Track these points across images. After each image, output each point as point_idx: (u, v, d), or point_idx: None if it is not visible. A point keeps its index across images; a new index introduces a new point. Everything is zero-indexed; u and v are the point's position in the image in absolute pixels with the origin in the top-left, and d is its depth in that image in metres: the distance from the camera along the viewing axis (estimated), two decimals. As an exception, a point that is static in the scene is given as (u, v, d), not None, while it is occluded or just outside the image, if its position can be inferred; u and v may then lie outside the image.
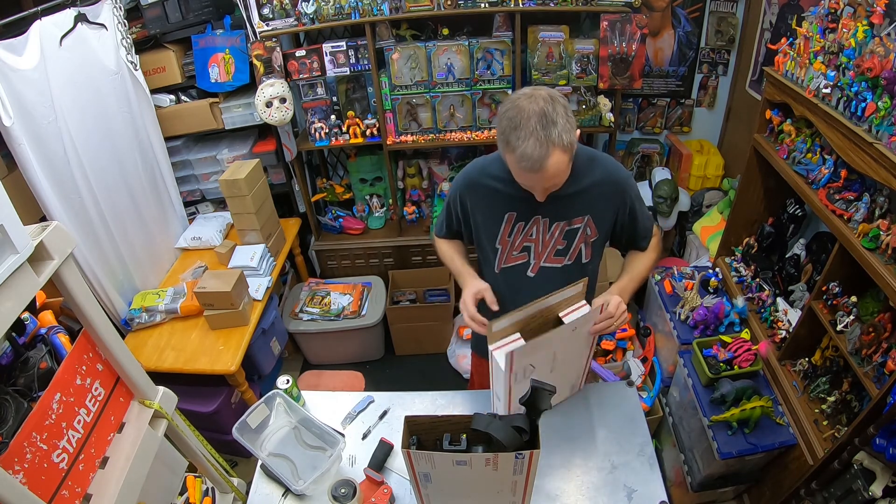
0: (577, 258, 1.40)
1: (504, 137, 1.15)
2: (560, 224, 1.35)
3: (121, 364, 1.37)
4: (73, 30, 2.00)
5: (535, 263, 1.40)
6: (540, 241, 1.37)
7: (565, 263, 1.40)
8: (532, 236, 1.37)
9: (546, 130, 1.10)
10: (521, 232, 1.37)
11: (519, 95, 1.16)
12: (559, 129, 1.11)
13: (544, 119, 1.10)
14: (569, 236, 1.37)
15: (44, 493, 1.10)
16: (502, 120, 1.15)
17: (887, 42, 1.38)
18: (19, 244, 1.02)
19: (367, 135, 2.66)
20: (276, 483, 1.40)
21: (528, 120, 1.11)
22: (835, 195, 1.61)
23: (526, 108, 1.11)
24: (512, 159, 1.16)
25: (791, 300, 2.01)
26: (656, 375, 2.36)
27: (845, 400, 1.66)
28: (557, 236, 1.37)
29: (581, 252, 1.39)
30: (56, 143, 1.90)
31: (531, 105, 1.12)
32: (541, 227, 1.36)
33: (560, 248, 1.38)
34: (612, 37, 2.39)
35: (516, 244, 1.38)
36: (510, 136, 1.13)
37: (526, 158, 1.12)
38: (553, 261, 1.40)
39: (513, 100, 1.16)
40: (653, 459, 1.41)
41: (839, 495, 1.47)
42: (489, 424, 1.04)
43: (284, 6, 2.34)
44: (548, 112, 1.11)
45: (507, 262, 1.41)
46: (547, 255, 1.39)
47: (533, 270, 1.41)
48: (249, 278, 2.35)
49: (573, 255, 1.39)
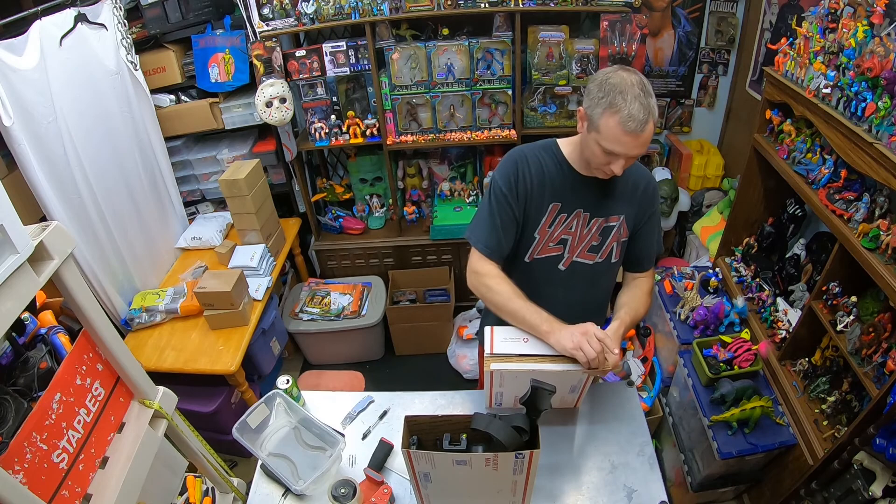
0: (608, 256, 1.42)
1: (608, 99, 1.17)
2: (599, 220, 1.37)
3: (121, 364, 1.37)
4: (73, 30, 2.00)
5: (568, 258, 1.41)
6: (577, 235, 1.38)
7: (596, 260, 1.42)
8: (571, 229, 1.38)
9: (647, 99, 1.16)
10: (561, 223, 1.37)
11: (612, 68, 1.21)
12: (655, 101, 1.18)
13: (645, 89, 1.17)
14: (604, 233, 1.39)
15: (44, 493, 1.10)
16: (604, 85, 1.18)
17: (887, 42, 1.38)
18: (19, 244, 1.02)
19: (367, 135, 2.66)
20: (276, 483, 1.39)
21: (633, 87, 1.16)
22: (835, 195, 1.61)
23: (628, 78, 1.17)
24: (615, 120, 1.16)
25: (791, 300, 2.01)
26: (656, 375, 2.36)
27: (845, 400, 1.66)
28: (594, 232, 1.38)
29: (612, 250, 1.41)
30: (56, 143, 1.90)
31: (632, 76, 1.18)
32: (581, 222, 1.37)
33: (594, 244, 1.40)
34: (612, 37, 2.39)
35: (555, 235, 1.38)
36: (615, 98, 1.16)
37: (633, 119, 1.15)
38: (586, 256, 1.41)
39: (609, 71, 1.21)
40: (653, 459, 1.40)
41: (839, 495, 1.47)
42: (489, 424, 1.04)
43: (284, 6, 2.34)
44: (646, 84, 1.18)
45: (540, 252, 1.40)
46: (581, 249, 1.40)
47: (565, 264, 1.41)
48: (249, 278, 2.35)
49: (605, 252, 1.41)
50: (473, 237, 1.37)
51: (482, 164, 2.98)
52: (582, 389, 1.40)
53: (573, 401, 1.45)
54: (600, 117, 1.19)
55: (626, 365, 2.40)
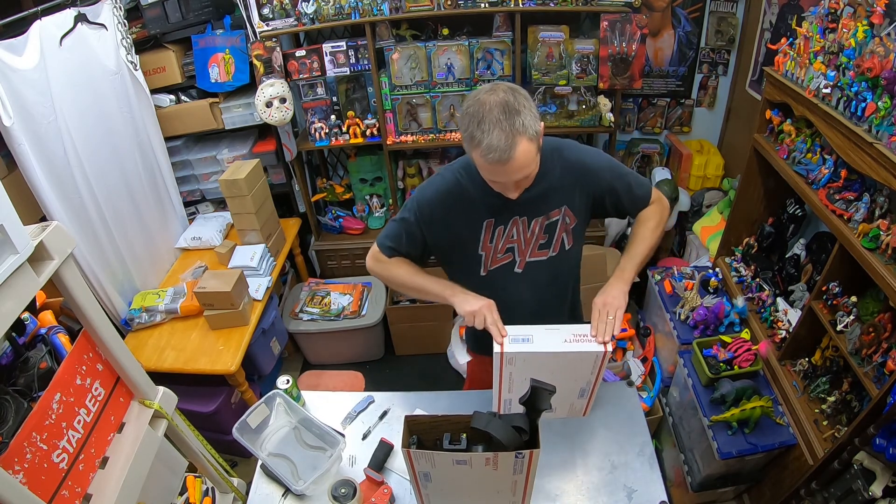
0: (561, 247, 1.40)
1: (468, 133, 1.12)
2: (538, 220, 1.34)
3: (121, 364, 1.37)
4: (73, 30, 2.00)
5: (520, 260, 1.40)
6: (522, 240, 1.37)
7: (550, 255, 1.40)
8: (513, 237, 1.36)
9: (510, 120, 1.07)
10: (501, 235, 1.36)
11: (479, 91, 1.14)
12: (523, 118, 1.08)
13: (507, 109, 1.08)
14: (549, 229, 1.36)
15: (44, 493, 1.10)
16: (464, 117, 1.13)
17: (887, 42, 1.38)
18: (19, 244, 1.02)
19: (367, 135, 2.66)
20: (276, 483, 1.40)
21: (491, 111, 1.08)
22: (835, 195, 1.61)
23: (487, 101, 1.09)
24: (478, 154, 1.12)
25: (791, 300, 2.01)
26: (656, 375, 2.36)
27: (845, 400, 1.66)
28: (538, 232, 1.36)
29: (563, 241, 1.39)
30: (56, 143, 1.90)
31: (492, 97, 1.09)
32: (520, 227, 1.35)
33: (542, 241, 1.38)
34: (612, 37, 2.39)
35: (500, 247, 1.38)
36: (474, 130, 1.10)
37: (492, 149, 1.08)
38: (538, 254, 1.40)
39: (473, 95, 1.14)
40: (653, 459, 1.41)
41: (839, 495, 1.47)
42: (489, 424, 1.04)
43: (284, 6, 2.34)
44: (510, 102, 1.09)
45: (492, 264, 1.41)
46: (531, 250, 1.39)
47: (520, 267, 1.40)
48: (249, 278, 2.35)
49: (556, 245, 1.39)
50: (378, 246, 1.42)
51: (482, 164, 2.98)
52: (590, 397, 1.39)
53: (582, 408, 1.45)
54: (470, 152, 1.15)
55: (626, 365, 2.40)
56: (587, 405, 1.43)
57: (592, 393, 1.38)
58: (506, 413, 1.35)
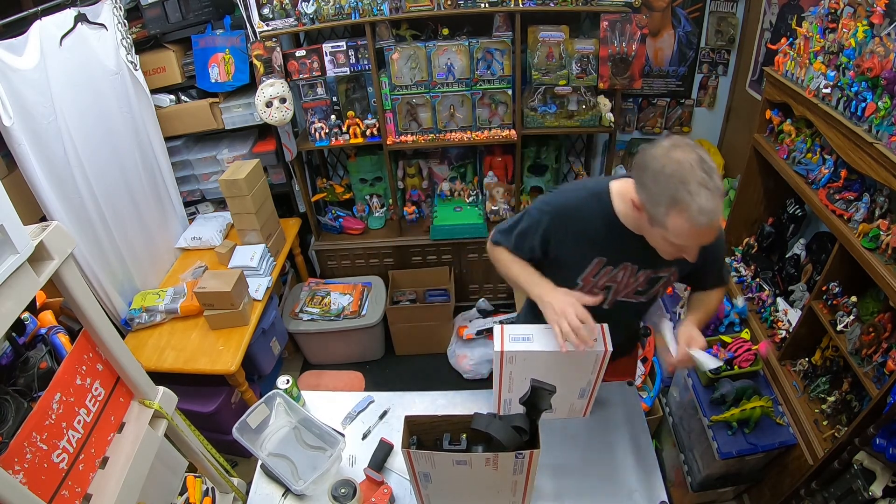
0: (655, 296, 1.38)
1: (670, 195, 1.00)
2: (647, 272, 1.30)
3: (121, 364, 1.37)
4: (73, 30, 2.00)
5: (611, 299, 1.35)
6: (623, 283, 1.32)
7: (640, 300, 1.37)
8: (617, 280, 1.31)
9: (712, 177, 0.99)
10: (607, 275, 1.31)
11: (662, 148, 1.04)
12: (717, 174, 1.01)
13: (706, 165, 1.00)
14: (653, 282, 1.32)
15: (44, 493, 1.10)
16: (660, 177, 1.02)
17: (887, 42, 1.38)
18: (19, 244, 1.02)
19: (367, 135, 2.66)
20: (276, 483, 1.40)
21: (693, 170, 0.99)
22: (835, 195, 1.62)
23: (684, 160, 1.00)
24: (683, 218, 1.00)
25: (791, 300, 2.01)
26: (656, 375, 2.36)
27: (845, 400, 1.66)
28: (641, 281, 1.32)
29: (659, 291, 1.37)
30: (56, 143, 1.90)
31: (687, 155, 1.01)
32: (627, 273, 1.30)
33: (641, 289, 1.34)
34: (612, 37, 2.39)
35: (599, 284, 1.32)
36: (679, 192, 0.99)
37: (704, 212, 0.98)
38: (631, 297, 1.36)
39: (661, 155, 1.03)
40: (653, 459, 1.41)
41: (839, 495, 1.47)
42: (489, 424, 1.04)
43: (284, 6, 2.34)
44: (705, 159, 1.01)
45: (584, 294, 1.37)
46: (626, 293, 1.35)
47: (609, 304, 1.35)
48: (249, 278, 2.35)
49: (652, 294, 1.37)
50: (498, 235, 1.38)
51: (482, 164, 2.98)
52: (590, 397, 1.39)
53: (582, 408, 1.45)
54: (665, 216, 1.03)
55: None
56: (587, 405, 1.43)
57: (592, 393, 1.38)
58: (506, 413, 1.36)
